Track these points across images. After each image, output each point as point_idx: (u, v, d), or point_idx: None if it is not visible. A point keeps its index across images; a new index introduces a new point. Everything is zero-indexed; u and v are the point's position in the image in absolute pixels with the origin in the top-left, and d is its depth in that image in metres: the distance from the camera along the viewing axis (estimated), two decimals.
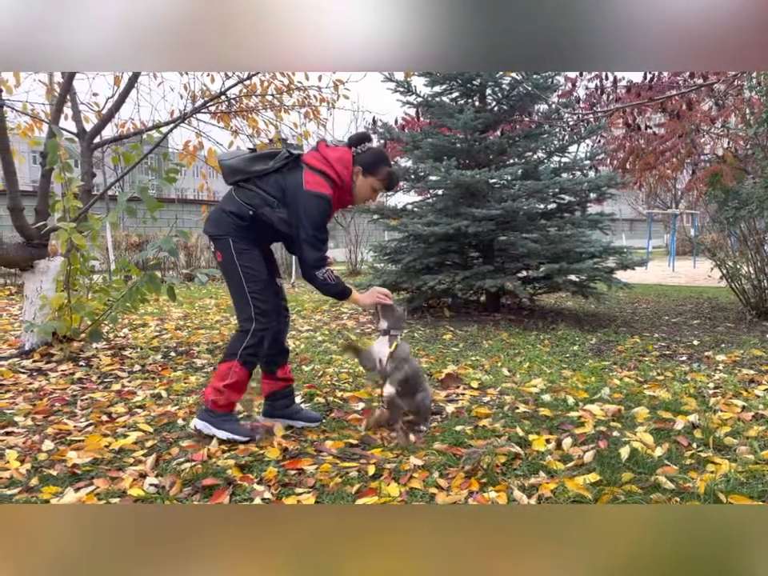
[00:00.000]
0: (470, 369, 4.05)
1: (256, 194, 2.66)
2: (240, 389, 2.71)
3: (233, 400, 2.70)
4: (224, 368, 2.68)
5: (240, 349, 2.65)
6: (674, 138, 8.07)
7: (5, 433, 2.83)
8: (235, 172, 2.71)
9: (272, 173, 2.67)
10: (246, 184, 2.69)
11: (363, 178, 2.73)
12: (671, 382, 3.64)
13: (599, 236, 6.37)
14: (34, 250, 4.38)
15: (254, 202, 2.66)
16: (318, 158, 2.67)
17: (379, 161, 2.76)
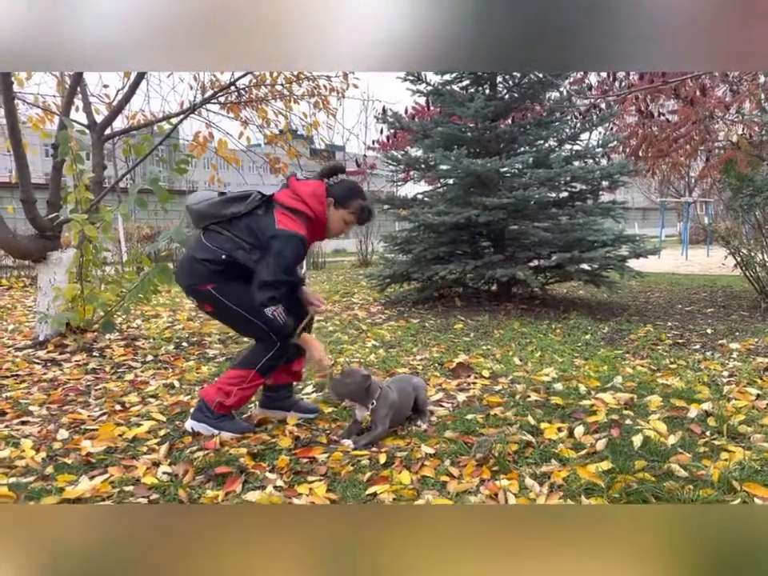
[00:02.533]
0: (481, 358, 4.04)
1: (227, 237, 2.57)
2: (249, 396, 2.70)
3: (240, 403, 2.67)
4: (239, 374, 2.62)
5: (263, 360, 2.62)
6: (687, 124, 7.97)
7: (20, 422, 2.86)
8: (205, 217, 2.62)
9: (243, 216, 2.59)
10: (216, 227, 2.60)
11: (335, 210, 2.66)
12: (684, 370, 3.61)
13: (611, 224, 6.32)
14: (47, 241, 4.41)
15: (225, 246, 2.56)
16: (290, 195, 2.60)
17: (352, 193, 2.69)
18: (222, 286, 2.56)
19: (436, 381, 3.48)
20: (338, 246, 19.79)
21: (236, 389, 2.60)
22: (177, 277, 2.73)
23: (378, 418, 2.59)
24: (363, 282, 8.77)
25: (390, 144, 10.31)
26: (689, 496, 1.95)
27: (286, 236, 2.50)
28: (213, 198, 2.64)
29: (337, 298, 7.26)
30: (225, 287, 2.57)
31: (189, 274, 2.62)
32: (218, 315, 2.70)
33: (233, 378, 2.63)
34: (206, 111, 5.75)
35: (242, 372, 2.62)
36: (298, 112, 6.30)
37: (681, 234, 19.64)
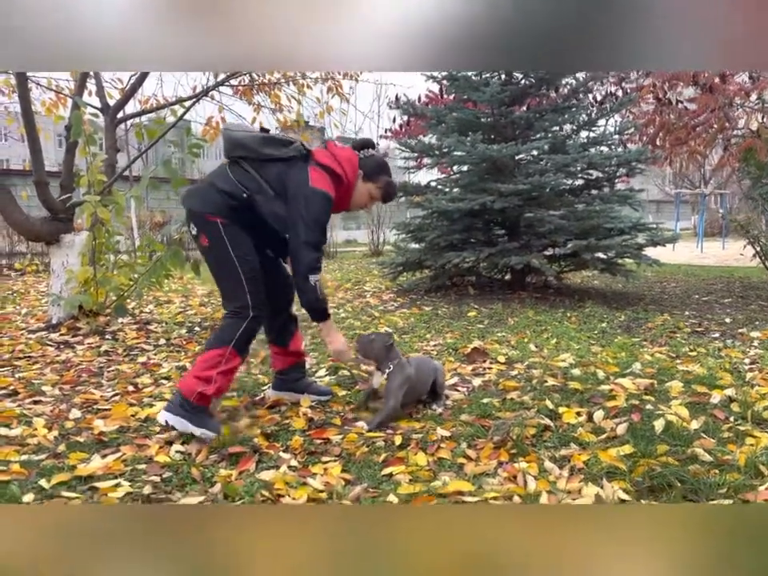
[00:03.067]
0: (495, 344, 3.98)
1: (253, 177, 2.45)
2: (230, 378, 2.49)
3: (222, 390, 2.45)
4: (214, 355, 2.40)
5: (236, 335, 2.41)
6: (706, 112, 7.82)
7: (32, 401, 2.85)
8: (237, 146, 2.48)
9: (277, 161, 2.47)
10: (246, 163, 2.47)
11: (363, 183, 2.60)
12: (705, 357, 3.54)
13: (628, 212, 6.22)
14: (60, 223, 4.39)
15: (250, 184, 2.44)
16: (327, 155, 2.52)
17: (381, 169, 2.64)
18: (230, 226, 2.41)
19: (451, 366, 3.43)
20: (350, 236, 19.74)
21: (215, 373, 2.37)
22: (186, 199, 2.52)
23: (391, 390, 2.55)
24: (375, 271, 8.72)
25: (402, 132, 10.23)
26: (715, 480, 1.90)
27: (320, 195, 2.42)
28: (253, 132, 2.54)
29: (348, 286, 7.22)
30: (233, 228, 2.42)
31: (202, 199, 2.47)
32: (210, 255, 2.48)
33: (208, 360, 2.40)
34: (218, 95, 5.71)
35: (216, 351, 2.40)
36: (311, 96, 6.24)
37: (696, 227, 19.43)
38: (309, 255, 2.42)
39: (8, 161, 24.50)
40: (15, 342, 4.01)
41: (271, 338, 2.86)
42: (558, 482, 1.96)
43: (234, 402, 2.80)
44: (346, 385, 3.09)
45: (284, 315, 2.81)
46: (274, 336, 2.84)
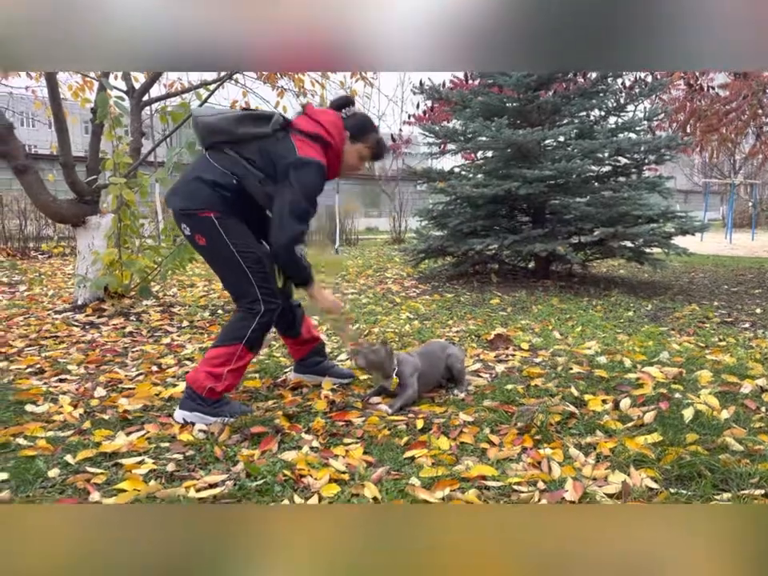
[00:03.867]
0: (519, 332, 3.94)
1: (237, 160, 2.30)
2: (241, 374, 2.43)
3: (232, 385, 2.40)
4: (226, 351, 2.33)
5: (248, 331, 2.33)
6: (738, 98, 7.63)
7: (58, 380, 2.88)
8: (215, 132, 2.33)
9: (259, 139, 2.31)
10: (226, 147, 2.33)
11: (351, 145, 2.46)
12: (735, 347, 3.46)
13: (656, 200, 6.09)
14: (86, 206, 4.43)
15: (236, 169, 2.30)
16: (309, 122, 2.37)
17: (368, 126, 2.49)
18: (225, 218, 2.28)
19: (473, 352, 3.40)
20: (371, 224, 19.69)
21: (225, 370, 2.31)
22: (171, 199, 2.36)
23: (405, 379, 2.55)
24: (396, 258, 8.69)
25: (426, 117, 10.14)
26: (746, 470, 1.85)
27: (308, 163, 2.27)
28: (226, 113, 2.36)
29: (370, 273, 7.20)
30: (228, 220, 2.29)
31: (190, 196, 2.30)
32: (209, 252, 2.36)
33: (219, 357, 2.32)
34: (243, 79, 5.69)
35: (228, 349, 2.32)
36: (335, 80, 6.19)
37: (724, 218, 19.04)
38: (294, 226, 2.27)
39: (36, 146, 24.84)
40: (42, 322, 4.07)
41: (282, 331, 2.78)
42: (584, 468, 1.92)
43: (257, 383, 2.80)
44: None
45: (287, 307, 2.68)
46: (284, 329, 2.76)
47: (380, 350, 2.56)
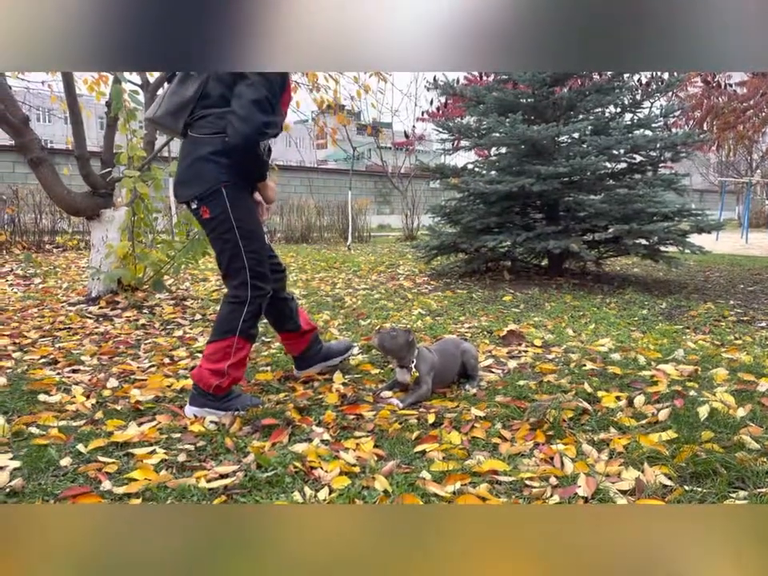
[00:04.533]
0: (532, 328, 3.91)
1: (214, 115, 2.19)
2: (243, 364, 2.39)
3: (237, 378, 2.38)
4: (222, 346, 2.30)
5: (239, 323, 2.29)
6: (756, 96, 7.54)
7: (71, 370, 2.90)
8: (176, 113, 2.23)
9: (208, 83, 2.20)
10: (196, 115, 2.22)
11: None
12: (751, 346, 3.41)
13: (672, 198, 6.02)
14: (100, 199, 4.45)
15: (221, 125, 2.17)
16: None
17: None
18: (233, 188, 2.24)
19: (485, 347, 3.38)
20: (383, 221, 19.67)
21: (226, 366, 2.29)
22: (180, 190, 2.32)
23: (422, 376, 2.54)
24: (408, 255, 8.67)
25: (440, 114, 10.10)
26: (763, 468, 1.82)
27: None
28: (167, 90, 2.27)
29: (382, 269, 7.18)
30: (237, 191, 2.25)
31: (197, 180, 2.24)
32: (211, 224, 2.29)
33: (216, 352, 2.30)
34: None
35: (223, 343, 2.29)
36: (348, 76, 6.18)
37: (740, 217, 18.82)
38: (258, 116, 2.11)
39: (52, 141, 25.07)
40: (56, 313, 4.10)
41: (282, 328, 2.73)
42: (597, 465, 1.90)
43: (269, 375, 2.80)
44: (379, 363, 3.07)
45: (283, 302, 2.66)
46: (285, 324, 2.71)
47: (400, 335, 2.53)
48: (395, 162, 16.95)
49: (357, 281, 6.22)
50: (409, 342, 2.54)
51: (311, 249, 10.28)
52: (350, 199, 11.65)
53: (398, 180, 15.00)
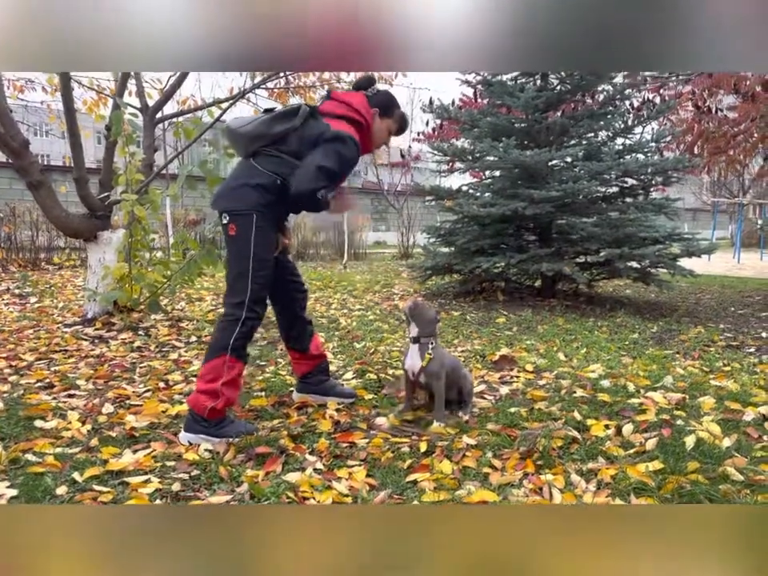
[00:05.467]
0: (524, 352, 3.95)
1: (282, 160, 2.42)
2: (237, 384, 2.44)
3: (232, 399, 2.41)
4: (214, 365, 2.36)
5: (231, 341, 2.37)
6: (746, 121, 7.65)
7: (67, 395, 2.93)
8: (255, 139, 2.44)
9: (295, 131, 2.43)
10: (268, 150, 2.44)
11: (380, 121, 2.61)
12: (739, 372, 3.46)
13: (663, 222, 6.11)
14: (98, 221, 4.50)
15: (281, 170, 2.41)
16: (338, 105, 2.51)
17: (393, 102, 2.65)
18: (263, 218, 2.41)
19: (478, 373, 3.42)
20: (379, 238, 19.78)
21: (219, 385, 2.34)
22: (218, 201, 2.49)
23: (434, 371, 2.61)
24: (404, 274, 8.73)
25: (435, 135, 10.21)
26: (746, 500, 1.86)
27: (342, 137, 2.41)
28: (260, 117, 2.47)
29: (377, 289, 7.23)
30: (265, 221, 2.42)
31: (238, 197, 2.43)
32: (234, 242, 2.44)
33: (210, 372, 2.36)
34: (255, 97, 5.77)
35: (216, 362, 2.36)
36: None
37: (733, 237, 18.98)
38: (319, 181, 2.36)
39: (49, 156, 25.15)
40: (52, 335, 4.12)
41: (290, 345, 2.86)
42: (585, 495, 1.94)
43: (263, 401, 2.83)
44: (373, 388, 3.10)
45: (299, 320, 2.80)
46: (293, 342, 2.84)
47: (431, 311, 2.67)
48: (391, 179, 17.07)
49: (352, 301, 6.26)
50: (436, 320, 2.66)
51: (307, 267, 10.32)
52: (346, 218, 11.73)
53: (393, 198, 15.10)
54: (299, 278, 2.81)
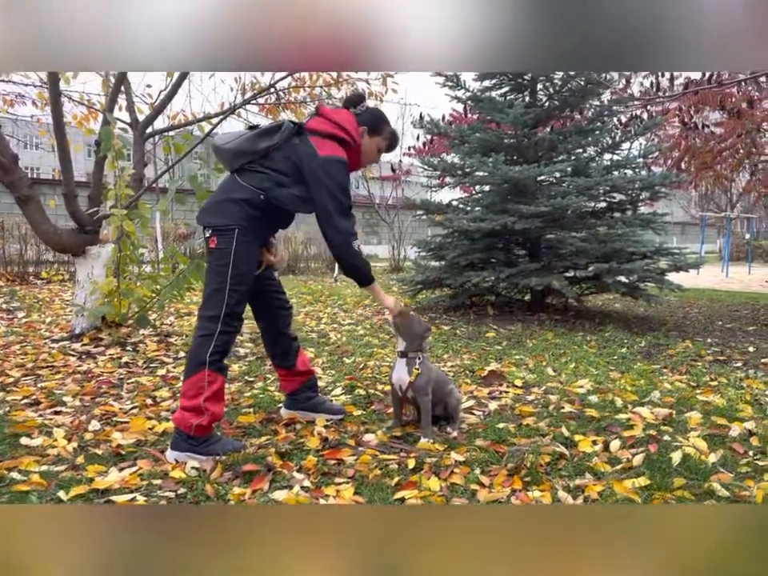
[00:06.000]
0: (513, 367, 3.97)
1: (266, 175, 2.42)
2: (220, 398, 2.41)
3: (217, 414, 2.39)
4: (194, 381, 2.34)
5: (207, 356, 2.34)
6: (732, 137, 7.75)
7: (53, 412, 2.90)
8: (240, 154, 2.45)
9: (279, 148, 2.44)
10: (252, 166, 2.45)
11: (369, 139, 2.59)
12: (726, 387, 3.49)
13: (651, 236, 6.17)
14: (86, 236, 4.48)
15: (264, 185, 2.41)
16: (325, 123, 2.49)
17: (382, 119, 2.64)
18: (245, 233, 2.39)
19: (467, 388, 3.43)
20: (371, 251, 19.81)
21: (202, 401, 2.32)
22: (202, 216, 2.48)
23: (421, 386, 2.60)
24: (395, 288, 8.73)
25: (426, 150, 10.28)
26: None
27: (333, 162, 2.41)
28: (244, 134, 2.47)
29: (368, 303, 7.24)
30: (247, 236, 2.40)
31: (221, 213, 2.42)
32: (214, 255, 2.42)
33: (191, 388, 2.34)
34: (245, 112, 5.80)
35: (194, 378, 2.34)
36: None
37: (721, 251, 19.17)
38: (344, 222, 2.42)
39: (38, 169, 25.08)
40: (39, 350, 4.09)
41: (276, 361, 2.84)
42: None
43: (251, 417, 2.82)
44: (362, 404, 3.10)
45: (284, 337, 2.79)
46: (279, 359, 2.83)
47: (420, 324, 2.65)
48: (382, 192, 17.14)
49: (342, 315, 6.27)
50: (425, 334, 2.65)
51: (297, 281, 10.32)
52: None
53: (384, 211, 15.14)
54: (283, 294, 2.80)
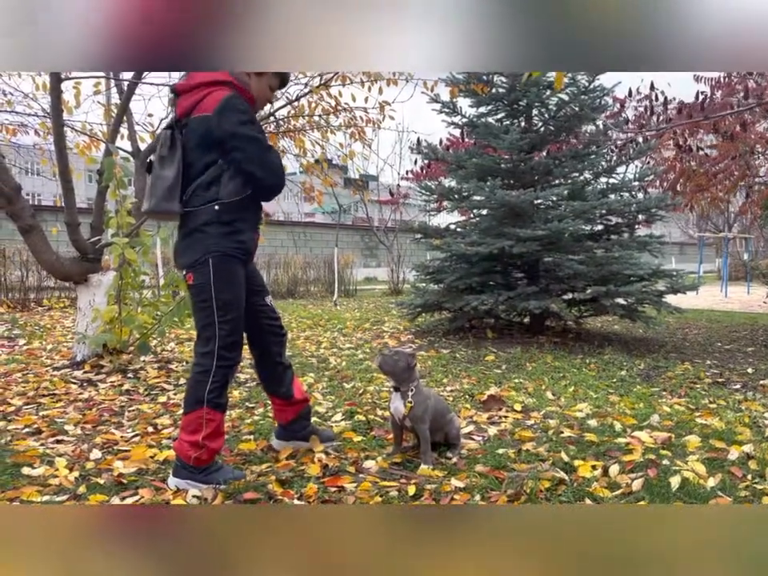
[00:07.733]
0: (512, 391, 3.98)
1: (198, 184, 2.32)
2: (220, 433, 2.40)
3: (216, 448, 2.39)
4: (193, 418, 2.33)
5: (205, 393, 2.31)
6: (727, 159, 7.85)
7: (55, 441, 2.91)
8: (168, 196, 2.31)
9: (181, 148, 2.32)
10: (188, 191, 2.33)
11: (257, 79, 2.44)
12: (724, 410, 3.50)
13: (648, 259, 6.22)
14: (88, 264, 4.53)
15: (208, 194, 2.31)
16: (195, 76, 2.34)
17: None
18: (219, 258, 2.31)
19: (467, 413, 3.44)
20: (369, 274, 19.88)
21: (200, 438, 2.31)
22: (178, 261, 2.46)
23: (418, 415, 2.60)
24: (394, 311, 8.76)
25: (423, 174, 10.39)
26: None
27: (224, 104, 2.25)
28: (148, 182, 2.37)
29: (367, 326, 7.26)
30: (222, 261, 2.32)
31: (190, 250, 2.36)
32: (193, 290, 2.38)
33: (190, 424, 2.34)
34: None
35: (194, 415, 2.33)
36: (334, 142, 6.40)
37: (719, 271, 19.23)
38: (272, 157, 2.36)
39: (40, 195, 25.26)
40: (40, 378, 4.11)
41: (271, 390, 2.77)
42: None
43: (252, 445, 2.83)
44: (362, 430, 3.11)
45: (277, 367, 2.72)
46: (275, 389, 2.74)
47: (402, 359, 2.60)
48: (381, 215, 17.26)
49: (342, 339, 6.29)
50: (410, 366, 2.62)
51: (297, 305, 10.35)
52: (336, 255, 11.81)
53: (383, 234, 15.25)
54: (277, 321, 2.71)
